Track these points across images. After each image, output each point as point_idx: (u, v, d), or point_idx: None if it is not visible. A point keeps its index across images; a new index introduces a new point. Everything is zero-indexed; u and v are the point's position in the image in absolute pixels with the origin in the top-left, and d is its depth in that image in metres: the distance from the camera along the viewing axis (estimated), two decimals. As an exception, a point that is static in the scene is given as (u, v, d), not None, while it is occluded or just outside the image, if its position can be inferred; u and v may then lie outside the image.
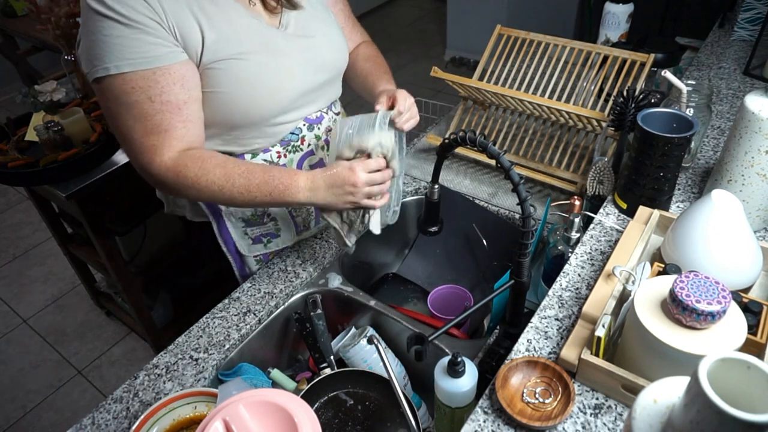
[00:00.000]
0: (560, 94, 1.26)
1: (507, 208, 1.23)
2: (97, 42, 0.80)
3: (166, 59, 0.82)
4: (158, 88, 0.83)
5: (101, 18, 0.79)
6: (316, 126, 1.06)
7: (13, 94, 3.07)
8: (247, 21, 0.90)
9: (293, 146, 1.04)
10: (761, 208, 0.94)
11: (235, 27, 0.88)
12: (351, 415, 0.92)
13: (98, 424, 0.86)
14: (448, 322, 0.79)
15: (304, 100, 1.00)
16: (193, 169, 0.87)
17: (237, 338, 0.97)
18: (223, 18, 0.87)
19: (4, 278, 2.54)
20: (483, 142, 0.73)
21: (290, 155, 1.05)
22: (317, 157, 1.08)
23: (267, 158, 1.02)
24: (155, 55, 0.81)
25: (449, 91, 3.52)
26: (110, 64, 0.80)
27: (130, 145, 0.87)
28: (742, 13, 1.69)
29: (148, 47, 0.81)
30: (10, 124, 1.63)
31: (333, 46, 1.03)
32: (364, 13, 4.91)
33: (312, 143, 1.06)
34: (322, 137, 1.08)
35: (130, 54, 0.80)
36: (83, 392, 2.05)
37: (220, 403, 0.61)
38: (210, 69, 0.87)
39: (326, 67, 1.02)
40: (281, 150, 1.03)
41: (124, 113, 0.84)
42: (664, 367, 0.65)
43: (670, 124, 0.93)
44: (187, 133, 0.88)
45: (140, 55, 0.81)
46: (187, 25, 0.83)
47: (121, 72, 0.80)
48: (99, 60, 0.81)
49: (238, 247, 1.12)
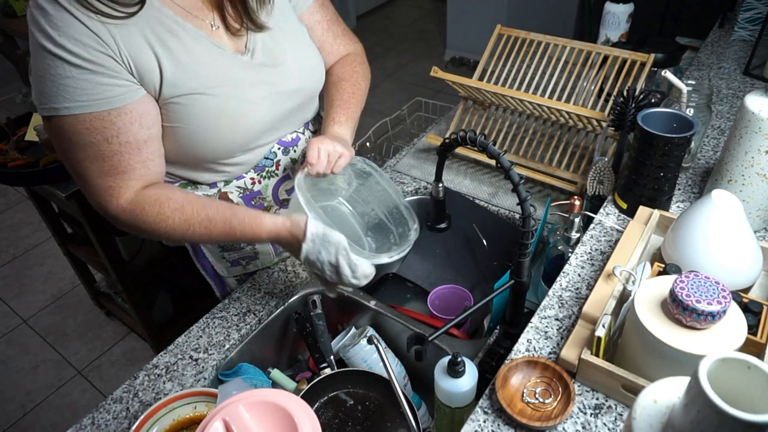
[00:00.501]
0: (560, 94, 1.26)
1: (507, 208, 1.23)
2: (45, 80, 0.74)
3: (122, 100, 0.77)
4: (114, 129, 0.77)
5: (50, 56, 0.72)
6: (291, 149, 1.01)
7: (13, 94, 3.07)
8: (209, 50, 0.83)
9: (268, 171, 0.99)
10: (761, 208, 0.94)
11: (196, 58, 0.82)
12: (351, 415, 0.92)
13: (98, 424, 0.86)
14: (448, 322, 0.79)
15: (273, 127, 0.95)
16: (151, 213, 0.83)
17: (237, 338, 0.97)
18: (183, 49, 0.80)
19: (4, 278, 2.54)
20: (483, 142, 0.73)
21: (265, 181, 1.00)
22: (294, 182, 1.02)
23: (241, 185, 0.98)
24: (108, 97, 0.76)
25: (449, 91, 3.51)
26: (59, 104, 0.74)
27: (85, 184, 0.82)
28: (742, 13, 1.69)
29: (101, 89, 0.75)
30: (10, 124, 1.63)
31: (304, 70, 0.96)
32: (364, 13, 4.91)
33: (288, 167, 1.02)
34: (299, 160, 1.02)
35: (81, 96, 0.74)
36: (83, 392, 2.05)
37: (220, 403, 0.61)
38: (170, 104, 0.81)
39: (297, 94, 0.96)
40: (255, 176, 0.98)
41: (78, 153, 0.78)
42: (664, 367, 0.65)
43: (670, 124, 0.93)
44: (146, 172, 0.83)
45: (92, 97, 0.75)
46: (143, 58, 0.77)
47: (71, 114, 0.75)
48: (47, 99, 0.75)
49: (216, 269, 1.10)
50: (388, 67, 4.15)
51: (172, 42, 0.79)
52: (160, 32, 0.78)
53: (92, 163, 0.79)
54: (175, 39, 0.80)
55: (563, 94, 1.26)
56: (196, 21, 0.83)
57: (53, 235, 2.01)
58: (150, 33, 0.78)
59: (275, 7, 0.92)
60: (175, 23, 0.80)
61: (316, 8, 1.01)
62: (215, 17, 0.86)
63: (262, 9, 0.89)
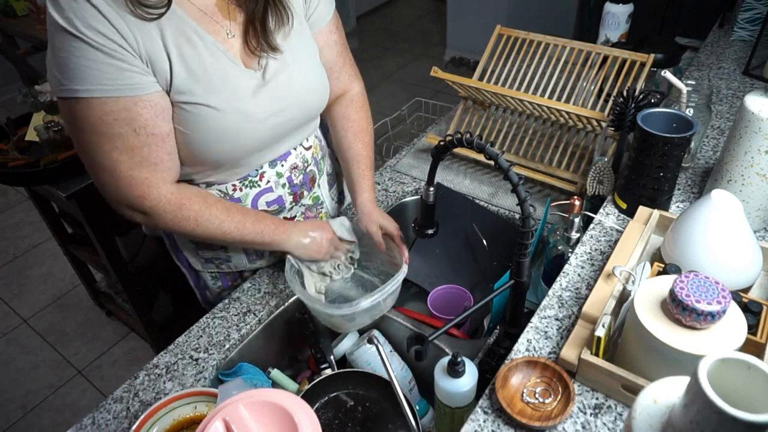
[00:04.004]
0: (560, 94, 1.26)
1: (507, 208, 1.23)
2: (66, 61, 0.72)
3: (144, 89, 0.76)
4: (142, 121, 0.77)
5: (74, 39, 0.71)
6: (279, 163, 0.99)
7: (13, 94, 3.07)
8: (222, 64, 0.83)
9: (250, 181, 0.97)
10: (761, 208, 0.94)
11: (207, 70, 0.81)
12: (351, 416, 0.92)
13: (98, 424, 0.86)
14: (448, 322, 0.79)
15: (272, 144, 0.96)
16: (196, 202, 0.87)
17: (237, 338, 0.97)
18: (197, 59, 0.80)
19: (4, 278, 2.54)
20: (480, 144, 0.73)
21: (246, 190, 0.97)
22: (275, 195, 1.01)
23: (222, 189, 0.96)
24: (132, 84, 0.75)
25: (449, 91, 3.52)
26: (80, 86, 0.73)
27: (114, 178, 0.80)
28: (742, 13, 1.69)
29: (125, 75, 0.74)
30: (10, 124, 1.63)
31: (311, 92, 0.96)
32: (364, 13, 4.91)
33: (272, 180, 0.99)
34: (284, 174, 1.00)
35: (104, 80, 0.73)
36: (83, 392, 2.05)
37: (220, 403, 0.61)
38: (175, 106, 0.81)
39: (300, 115, 0.96)
40: (237, 184, 0.96)
41: (106, 144, 0.77)
42: (664, 367, 0.65)
43: (670, 124, 0.93)
44: (173, 165, 0.84)
45: (117, 83, 0.74)
46: (157, 58, 0.77)
47: (92, 97, 0.74)
48: (68, 79, 0.73)
49: (191, 263, 1.10)
50: (388, 67, 4.15)
51: (186, 49, 0.79)
52: (177, 37, 0.79)
53: (122, 155, 0.78)
54: (190, 47, 0.80)
55: (563, 94, 1.26)
56: (212, 26, 0.83)
57: (53, 235, 2.01)
58: (168, 36, 0.78)
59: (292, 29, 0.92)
60: (194, 32, 0.80)
61: (332, 29, 1.01)
62: (231, 25, 0.86)
63: (279, 31, 0.89)
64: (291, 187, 1.02)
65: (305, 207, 1.10)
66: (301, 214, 1.10)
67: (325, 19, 0.98)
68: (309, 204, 1.10)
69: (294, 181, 1.03)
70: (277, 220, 0.98)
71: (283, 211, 1.05)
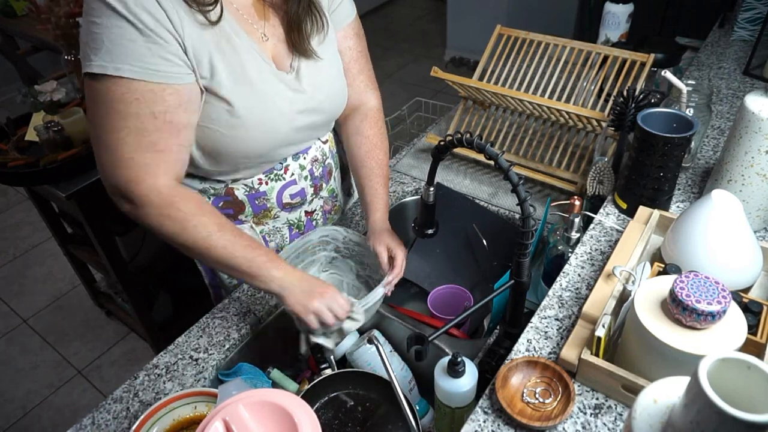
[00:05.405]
0: (560, 94, 1.26)
1: (507, 208, 1.23)
2: (102, 37, 0.72)
3: (176, 78, 0.77)
4: (164, 106, 0.77)
5: (117, 16, 0.71)
6: (302, 156, 1.03)
7: (13, 94, 3.07)
8: (257, 64, 0.85)
9: (276, 174, 1.01)
10: (761, 208, 0.94)
11: (245, 68, 0.84)
12: (351, 416, 0.92)
13: (98, 424, 0.86)
14: (448, 322, 0.79)
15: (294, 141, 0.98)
16: (189, 205, 0.81)
17: (237, 338, 0.97)
18: (236, 59, 0.83)
19: (4, 278, 2.54)
20: (480, 144, 0.73)
21: (271, 183, 1.01)
22: (299, 187, 1.05)
23: (248, 183, 0.99)
24: (165, 71, 0.76)
25: (449, 91, 3.52)
26: (109, 64, 0.72)
27: (113, 158, 0.77)
28: (742, 13, 1.69)
29: (160, 61, 0.75)
30: (10, 124, 1.63)
31: (334, 96, 0.99)
32: (364, 13, 4.91)
33: (296, 173, 1.03)
34: (307, 167, 1.04)
35: (139, 62, 0.73)
36: (83, 392, 2.05)
37: (220, 403, 0.61)
38: (208, 103, 0.83)
39: (323, 116, 0.99)
40: (263, 177, 1.00)
41: (117, 122, 0.76)
42: (664, 367, 0.65)
43: (670, 124, 0.93)
44: (180, 158, 0.82)
45: (150, 67, 0.74)
46: (200, 51, 0.79)
47: (119, 75, 0.73)
48: (97, 55, 0.72)
49: None
50: (388, 67, 4.15)
51: (227, 47, 0.82)
52: (219, 36, 0.81)
53: (128, 135, 0.76)
54: (230, 47, 0.82)
55: (563, 94, 1.26)
56: (248, 26, 0.86)
57: (53, 235, 2.01)
58: (211, 34, 0.80)
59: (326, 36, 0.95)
60: (235, 34, 0.83)
61: (348, 34, 1.01)
62: (265, 26, 0.88)
63: (314, 37, 0.92)
64: (312, 179, 1.07)
65: (323, 200, 1.13)
66: (320, 207, 1.13)
67: (343, 22, 1.00)
68: (326, 197, 1.14)
69: (315, 173, 1.07)
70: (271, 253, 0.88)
71: (304, 204, 1.09)
